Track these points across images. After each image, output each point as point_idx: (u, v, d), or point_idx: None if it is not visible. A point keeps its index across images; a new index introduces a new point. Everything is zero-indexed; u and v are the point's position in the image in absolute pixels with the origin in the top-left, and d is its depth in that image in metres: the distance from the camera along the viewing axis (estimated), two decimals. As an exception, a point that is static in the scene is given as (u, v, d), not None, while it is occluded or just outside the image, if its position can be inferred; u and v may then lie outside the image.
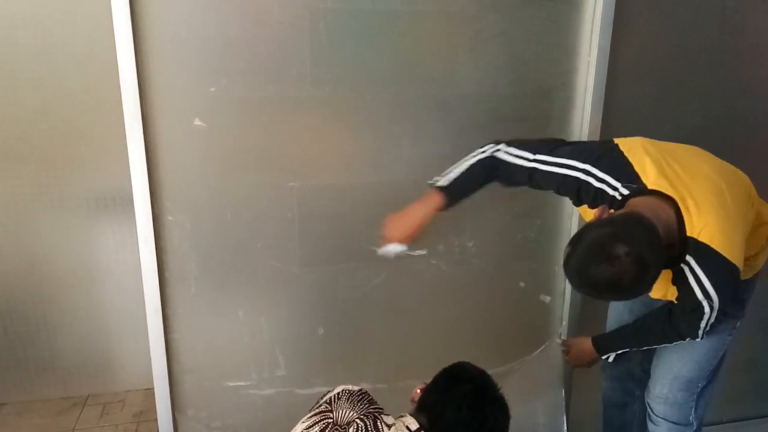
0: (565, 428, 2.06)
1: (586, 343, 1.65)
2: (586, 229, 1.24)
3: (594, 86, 1.76)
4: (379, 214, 1.77)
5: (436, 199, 1.48)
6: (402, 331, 1.91)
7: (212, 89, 1.58)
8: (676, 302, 1.36)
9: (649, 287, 1.21)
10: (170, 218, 1.63)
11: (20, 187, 1.54)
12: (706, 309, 1.30)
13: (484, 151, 1.48)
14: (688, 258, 1.27)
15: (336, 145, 1.72)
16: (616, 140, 1.42)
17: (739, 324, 1.54)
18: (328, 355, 1.85)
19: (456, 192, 1.49)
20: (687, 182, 1.30)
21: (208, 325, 1.74)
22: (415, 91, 1.70)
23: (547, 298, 1.97)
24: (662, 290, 1.39)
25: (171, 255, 1.65)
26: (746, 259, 1.38)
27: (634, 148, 1.37)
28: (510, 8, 1.70)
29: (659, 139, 1.82)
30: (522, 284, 1.95)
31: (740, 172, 1.46)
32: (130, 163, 1.54)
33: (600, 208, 1.30)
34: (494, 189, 1.52)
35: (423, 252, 1.56)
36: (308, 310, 1.81)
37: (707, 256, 1.25)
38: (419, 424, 1.19)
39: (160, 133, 1.56)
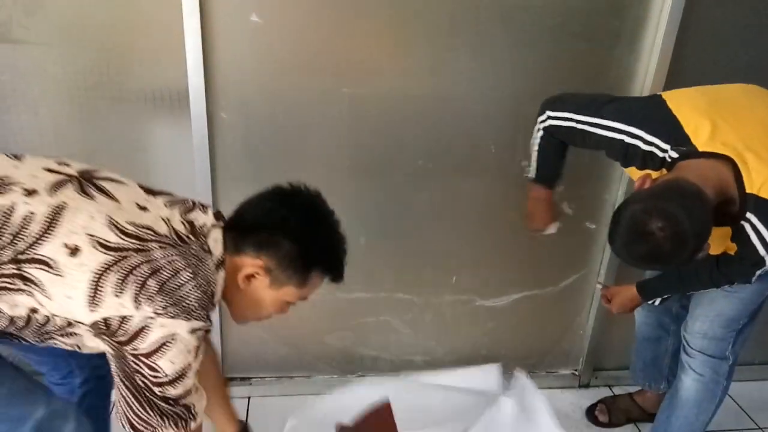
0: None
1: (630, 291, 1.60)
2: (624, 204, 1.23)
3: (672, 5, 1.64)
4: (430, 128, 1.75)
5: (538, 190, 1.59)
6: (442, 247, 1.92)
7: (271, -17, 1.53)
8: (732, 255, 1.32)
9: (694, 255, 1.17)
10: (224, 116, 1.65)
11: (81, 73, 1.58)
12: None
13: (539, 129, 1.50)
14: (749, 215, 1.23)
15: (393, 53, 1.67)
16: (664, 95, 1.35)
17: None
18: (369, 264, 1.89)
19: (546, 176, 1.57)
20: (742, 136, 1.24)
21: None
22: (477, 0, 1.62)
23: (593, 227, 1.95)
24: (721, 248, 1.35)
25: (222, 154, 1.68)
26: None
27: (683, 105, 1.30)
28: None
29: (734, 71, 1.71)
30: (569, 210, 1.92)
31: None
32: (186, 57, 1.54)
33: (640, 178, 1.26)
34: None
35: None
36: (352, 218, 1.82)
37: None
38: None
39: (217, 26, 1.55)
